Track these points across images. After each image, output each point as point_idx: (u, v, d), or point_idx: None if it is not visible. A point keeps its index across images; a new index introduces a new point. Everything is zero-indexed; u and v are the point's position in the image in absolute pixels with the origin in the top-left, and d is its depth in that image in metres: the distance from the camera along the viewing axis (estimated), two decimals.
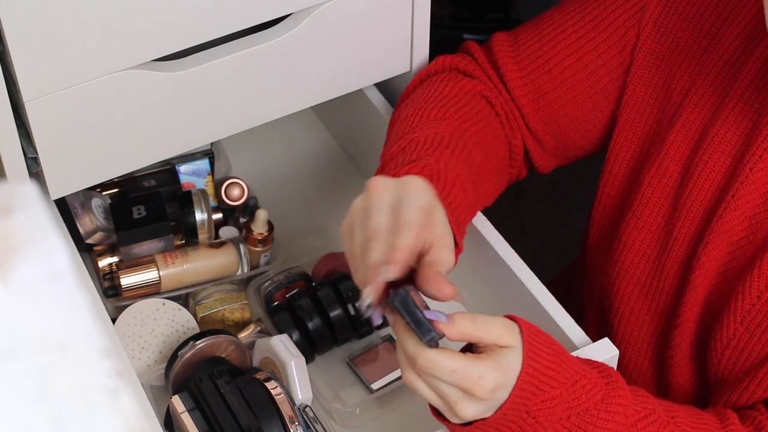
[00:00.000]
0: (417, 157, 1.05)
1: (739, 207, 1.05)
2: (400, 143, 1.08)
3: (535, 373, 0.91)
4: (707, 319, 1.10)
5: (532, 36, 1.20)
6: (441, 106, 1.14)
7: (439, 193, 0.99)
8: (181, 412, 1.08)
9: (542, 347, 0.92)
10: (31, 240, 0.48)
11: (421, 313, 0.89)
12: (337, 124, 1.51)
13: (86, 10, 1.03)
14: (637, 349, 1.18)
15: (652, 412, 0.99)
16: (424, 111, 1.13)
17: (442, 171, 1.02)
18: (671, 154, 1.12)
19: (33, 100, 1.07)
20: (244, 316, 1.27)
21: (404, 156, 1.06)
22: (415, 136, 1.08)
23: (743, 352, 1.06)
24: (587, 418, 0.95)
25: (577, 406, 0.94)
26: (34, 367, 0.46)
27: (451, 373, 0.88)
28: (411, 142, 1.07)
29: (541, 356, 0.92)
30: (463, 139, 1.10)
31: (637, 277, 1.16)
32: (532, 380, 0.91)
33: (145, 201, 1.28)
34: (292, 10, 1.17)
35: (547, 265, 1.63)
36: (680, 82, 1.13)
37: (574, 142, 1.22)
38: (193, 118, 1.19)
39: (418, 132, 1.09)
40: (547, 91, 1.19)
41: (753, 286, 1.04)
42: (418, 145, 1.07)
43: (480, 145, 1.12)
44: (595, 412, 0.95)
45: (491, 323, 0.91)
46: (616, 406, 0.96)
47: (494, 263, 1.17)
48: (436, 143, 1.07)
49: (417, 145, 1.07)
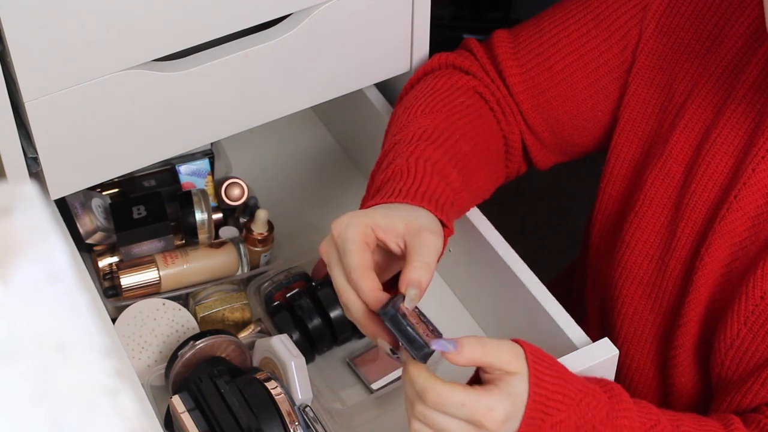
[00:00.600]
0: (394, 157, 1.06)
1: (742, 208, 1.05)
2: (386, 148, 1.10)
3: (542, 399, 0.92)
4: (710, 319, 1.10)
5: (533, 33, 1.20)
6: (429, 101, 1.14)
7: (409, 187, 0.99)
8: (181, 412, 1.08)
9: (546, 371, 0.93)
10: (31, 240, 0.48)
11: (412, 329, 0.89)
12: (337, 124, 1.51)
13: (86, 10, 1.03)
14: (639, 349, 1.18)
15: (658, 422, 1.00)
16: (412, 108, 1.14)
17: (412, 164, 1.02)
18: (674, 154, 1.12)
19: (33, 100, 1.07)
20: (244, 316, 1.27)
21: (386, 161, 1.07)
22: (399, 137, 1.09)
23: (747, 352, 1.06)
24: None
25: (584, 425, 0.94)
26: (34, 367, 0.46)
27: (461, 406, 0.89)
28: (395, 145, 1.09)
29: (546, 381, 0.92)
30: (449, 130, 1.10)
31: (640, 277, 1.16)
32: (540, 406, 0.92)
33: (145, 201, 1.28)
34: (292, 10, 1.17)
35: (547, 265, 1.63)
36: (682, 82, 1.13)
37: (573, 140, 1.22)
38: (193, 118, 1.19)
39: (404, 131, 1.10)
40: (546, 89, 1.19)
41: (756, 287, 1.04)
42: (400, 144, 1.08)
43: (468, 136, 1.12)
44: (602, 428, 0.95)
45: (500, 348, 0.91)
46: (621, 420, 0.96)
47: (494, 263, 1.17)
48: (416, 138, 1.07)
49: (399, 145, 1.08)
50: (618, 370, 1.14)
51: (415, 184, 1.01)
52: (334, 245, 0.96)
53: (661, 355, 1.17)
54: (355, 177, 1.47)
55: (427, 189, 1.01)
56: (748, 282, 1.04)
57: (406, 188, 1.00)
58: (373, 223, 0.96)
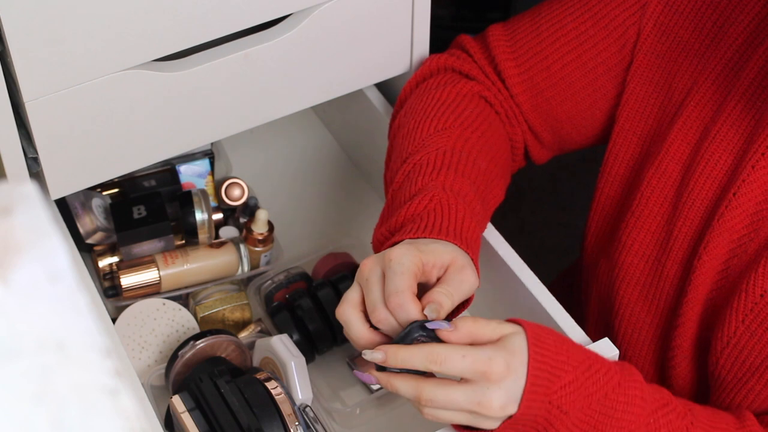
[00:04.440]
0: (422, 185, 1.06)
1: (741, 205, 1.05)
2: (404, 168, 1.10)
3: (544, 359, 0.92)
4: (708, 318, 1.10)
5: (530, 31, 1.19)
6: (440, 116, 1.14)
7: (447, 226, 1.00)
8: (181, 412, 1.08)
9: (546, 334, 0.95)
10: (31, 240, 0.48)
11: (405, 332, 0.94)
12: (337, 124, 1.51)
13: (86, 10, 1.03)
14: (637, 350, 1.18)
15: (670, 401, 1.00)
16: (423, 124, 1.13)
17: (444, 201, 1.03)
18: (671, 153, 1.12)
19: (33, 100, 1.07)
20: (244, 316, 1.27)
21: (409, 184, 1.07)
22: (417, 159, 1.09)
23: (743, 351, 1.05)
24: (607, 403, 0.95)
25: (597, 392, 0.94)
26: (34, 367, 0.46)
27: (462, 358, 0.90)
28: (415, 166, 1.09)
29: (546, 342, 0.94)
30: (466, 149, 1.10)
31: (637, 278, 1.15)
32: (544, 366, 0.92)
33: (146, 201, 1.28)
34: (292, 10, 1.17)
35: (547, 265, 1.63)
36: (681, 80, 1.13)
37: (571, 138, 1.22)
38: (193, 118, 1.19)
39: (421, 152, 1.10)
40: (545, 88, 1.19)
41: (756, 284, 1.03)
42: (422, 168, 1.08)
43: (484, 151, 1.12)
44: (614, 395, 0.95)
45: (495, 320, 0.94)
46: (633, 390, 0.97)
47: (494, 263, 1.17)
48: (439, 164, 1.08)
49: (420, 168, 1.08)
50: None
51: (452, 223, 1.02)
52: (381, 264, 0.96)
53: (659, 356, 1.17)
54: (355, 177, 1.47)
55: (462, 228, 1.02)
56: (747, 280, 1.04)
57: (445, 227, 1.01)
58: (426, 259, 0.97)
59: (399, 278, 0.94)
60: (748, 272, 1.05)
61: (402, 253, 0.96)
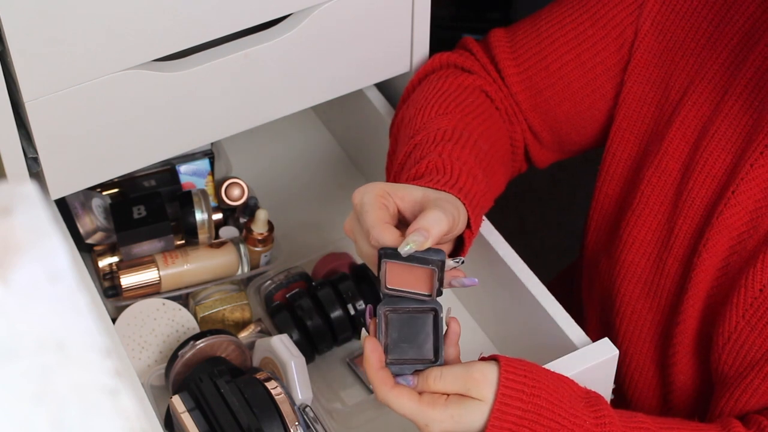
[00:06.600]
0: (421, 156, 1.06)
1: (740, 203, 1.06)
2: (405, 149, 1.10)
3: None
4: (709, 315, 1.10)
5: (530, 32, 1.20)
6: (441, 102, 1.14)
7: (446, 182, 0.99)
8: (181, 412, 1.08)
9: (514, 403, 0.94)
10: (31, 240, 0.48)
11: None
12: (337, 124, 1.51)
13: (86, 10, 1.03)
14: (639, 348, 1.18)
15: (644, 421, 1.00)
16: (425, 110, 1.14)
17: (447, 162, 1.03)
18: (670, 151, 1.12)
19: (33, 100, 1.07)
20: (244, 316, 1.27)
21: (410, 161, 1.07)
22: (419, 138, 1.09)
23: (744, 345, 1.06)
24: None
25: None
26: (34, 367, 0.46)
27: (404, 415, 0.94)
28: (416, 146, 1.08)
29: (511, 414, 0.93)
30: (468, 130, 1.10)
31: (638, 275, 1.16)
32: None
33: (145, 201, 1.28)
34: (292, 10, 1.17)
35: (547, 265, 1.62)
36: (679, 79, 1.13)
37: (571, 138, 1.23)
38: (193, 118, 1.19)
39: (422, 133, 1.10)
40: (544, 88, 1.19)
41: (756, 280, 1.04)
42: (423, 145, 1.08)
43: (485, 135, 1.13)
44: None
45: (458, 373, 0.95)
46: None
47: (494, 263, 1.17)
48: (439, 138, 1.08)
49: (421, 146, 1.08)
50: (618, 370, 1.14)
51: (452, 179, 1.01)
52: (355, 218, 0.97)
53: (660, 353, 1.17)
54: (355, 177, 1.47)
55: (463, 186, 1.01)
56: (747, 275, 1.05)
57: (444, 180, 1.00)
58: (391, 189, 0.97)
59: (365, 216, 0.94)
60: (747, 268, 1.05)
61: (362, 193, 0.96)
